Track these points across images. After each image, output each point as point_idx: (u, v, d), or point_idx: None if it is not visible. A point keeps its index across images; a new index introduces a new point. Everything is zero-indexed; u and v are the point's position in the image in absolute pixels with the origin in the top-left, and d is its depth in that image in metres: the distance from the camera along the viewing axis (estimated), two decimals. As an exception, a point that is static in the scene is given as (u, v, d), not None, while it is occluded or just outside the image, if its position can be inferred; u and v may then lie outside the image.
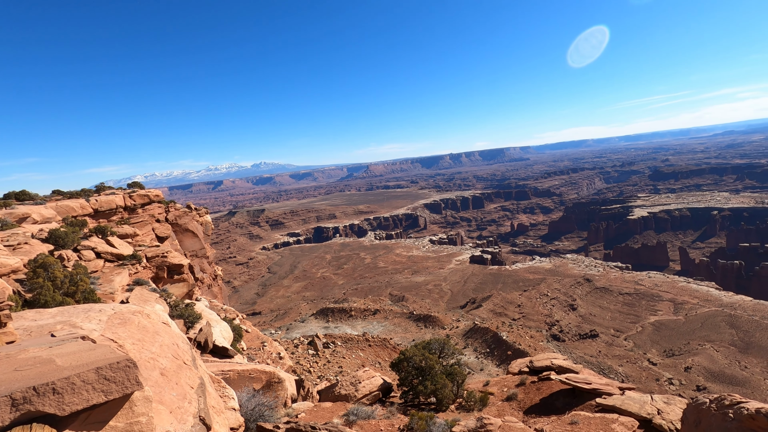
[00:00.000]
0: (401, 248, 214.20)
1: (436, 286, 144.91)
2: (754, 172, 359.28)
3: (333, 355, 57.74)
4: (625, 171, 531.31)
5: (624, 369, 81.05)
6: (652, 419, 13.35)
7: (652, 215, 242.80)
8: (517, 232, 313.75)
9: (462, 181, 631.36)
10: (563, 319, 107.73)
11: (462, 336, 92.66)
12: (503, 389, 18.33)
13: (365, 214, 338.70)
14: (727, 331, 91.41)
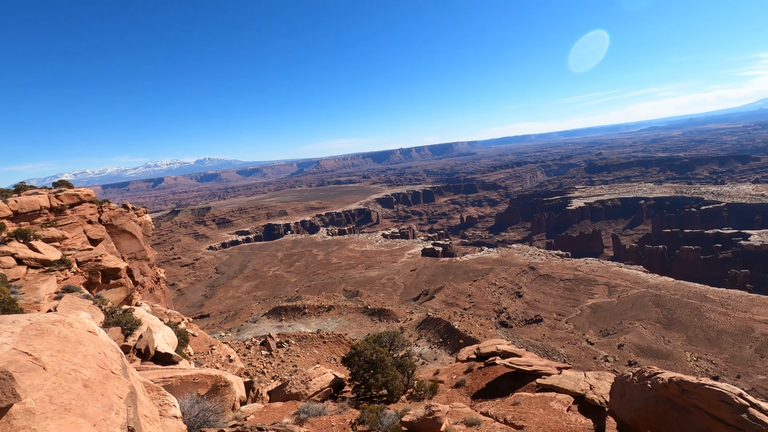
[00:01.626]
0: (354, 243, 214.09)
1: (390, 279, 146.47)
2: (674, 165, 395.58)
3: (287, 355, 56.80)
4: (564, 164, 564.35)
5: (566, 350, 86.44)
6: (585, 394, 14.42)
7: (588, 205, 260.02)
8: (467, 224, 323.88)
9: (413, 175, 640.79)
10: (510, 306, 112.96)
11: (416, 327, 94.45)
12: (452, 377, 18.99)
13: (317, 210, 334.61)
14: (654, 309, 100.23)
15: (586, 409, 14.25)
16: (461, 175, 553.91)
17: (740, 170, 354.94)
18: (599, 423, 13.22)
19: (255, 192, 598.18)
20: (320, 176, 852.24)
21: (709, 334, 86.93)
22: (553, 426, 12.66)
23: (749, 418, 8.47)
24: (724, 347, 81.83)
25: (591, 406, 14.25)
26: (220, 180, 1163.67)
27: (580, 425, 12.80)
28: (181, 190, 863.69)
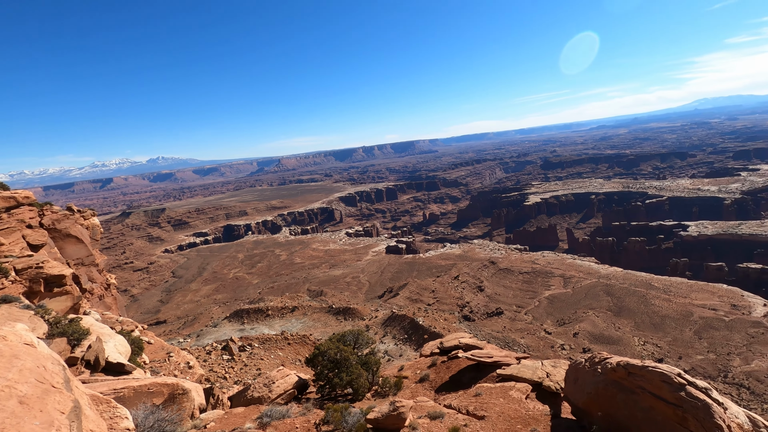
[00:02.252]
0: (318, 243, 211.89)
1: (354, 278, 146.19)
2: (621, 161, 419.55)
3: (250, 358, 55.44)
4: (521, 161, 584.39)
5: (525, 340, 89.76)
6: (542, 382, 15.04)
7: (544, 201, 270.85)
8: (429, 221, 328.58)
9: (375, 173, 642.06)
10: (473, 300, 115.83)
11: (381, 325, 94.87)
12: (417, 372, 19.25)
13: (279, 210, 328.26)
14: (605, 298, 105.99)
15: (544, 395, 14.87)
16: (423, 173, 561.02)
17: (679, 166, 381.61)
18: (555, 408, 13.84)
19: (213, 192, 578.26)
20: (281, 175, 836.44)
21: (654, 319, 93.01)
22: (513, 414, 13.12)
23: (686, 395, 9.16)
24: (668, 331, 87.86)
25: (548, 393, 14.88)
26: (176, 180, 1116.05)
27: (538, 411, 13.34)
28: (133, 191, 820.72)
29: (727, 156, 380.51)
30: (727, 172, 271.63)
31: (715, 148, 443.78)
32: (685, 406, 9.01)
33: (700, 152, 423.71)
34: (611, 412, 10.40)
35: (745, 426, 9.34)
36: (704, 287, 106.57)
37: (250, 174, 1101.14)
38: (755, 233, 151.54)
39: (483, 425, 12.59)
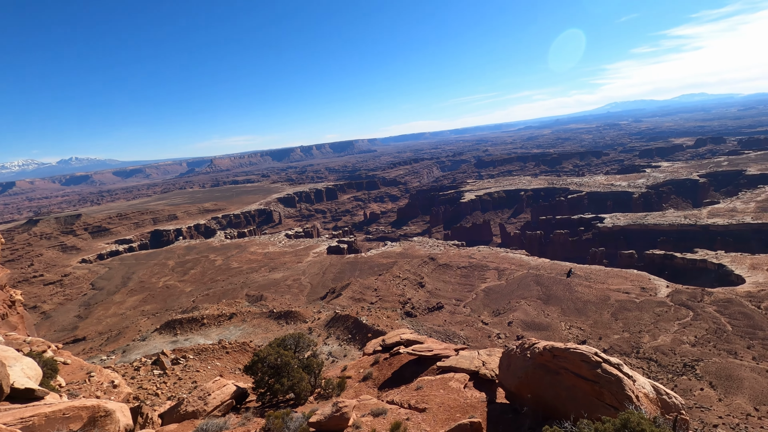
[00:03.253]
0: (256, 246, 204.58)
1: (296, 280, 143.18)
2: (546, 159, 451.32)
3: (185, 371, 52.16)
4: (456, 160, 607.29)
5: (465, 332, 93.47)
6: (478, 371, 15.80)
7: (479, 198, 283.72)
8: (370, 220, 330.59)
9: (314, 173, 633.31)
10: (414, 296, 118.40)
11: (324, 326, 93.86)
12: (360, 371, 19.34)
13: (213, 213, 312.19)
14: (535, 288, 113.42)
15: (481, 383, 15.62)
16: (363, 172, 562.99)
17: (595, 164, 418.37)
18: (491, 395, 14.61)
19: (138, 195, 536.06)
20: (215, 176, 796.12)
21: (577, 305, 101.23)
22: (452, 404, 13.65)
23: (602, 372, 10.12)
24: (589, 315, 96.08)
25: (484, 381, 15.67)
26: (93, 183, 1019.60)
27: (475, 399, 14.01)
28: (41, 196, 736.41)
29: (634, 154, 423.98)
30: (635, 169, 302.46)
31: (625, 147, 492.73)
32: (601, 381, 9.95)
33: (613, 151, 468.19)
34: (539, 393, 11.19)
35: (651, 395, 10.51)
36: (618, 273, 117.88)
37: (179, 175, 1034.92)
38: (658, 223, 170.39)
39: (424, 417, 12.96)
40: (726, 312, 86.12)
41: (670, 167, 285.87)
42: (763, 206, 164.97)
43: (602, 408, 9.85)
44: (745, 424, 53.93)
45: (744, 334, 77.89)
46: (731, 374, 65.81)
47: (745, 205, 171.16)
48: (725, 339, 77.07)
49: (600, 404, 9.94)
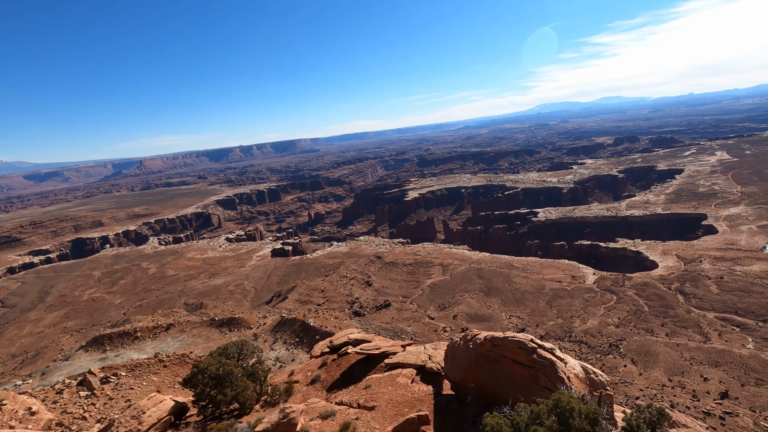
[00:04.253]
0: (194, 251, 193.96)
1: (238, 285, 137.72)
2: (484, 158, 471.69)
3: (116, 390, 48.18)
4: (399, 159, 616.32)
5: (412, 328, 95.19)
6: (425, 365, 16.19)
7: (422, 196, 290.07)
8: (315, 220, 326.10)
9: (256, 174, 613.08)
10: (362, 295, 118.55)
11: (270, 331, 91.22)
12: (307, 374, 19.04)
13: (144, 218, 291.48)
14: (477, 281, 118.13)
15: (428, 377, 16.02)
16: (306, 172, 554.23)
17: (529, 161, 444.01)
18: (438, 387, 15.03)
19: (55, 201, 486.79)
20: (145, 178, 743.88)
21: (516, 295, 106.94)
22: (400, 399, 13.88)
23: (538, 357, 10.80)
24: (527, 304, 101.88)
25: (431, 374, 16.09)
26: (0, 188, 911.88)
27: (422, 393, 14.35)
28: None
29: (563, 152, 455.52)
30: (563, 166, 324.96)
31: (554, 145, 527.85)
32: (537, 366, 10.61)
33: (544, 149, 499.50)
34: (482, 382, 11.71)
35: (580, 375, 11.38)
36: (552, 263, 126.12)
37: (104, 178, 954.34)
38: (585, 215, 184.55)
39: (373, 415, 13.05)
40: (643, 294, 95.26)
41: (593, 164, 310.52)
42: (671, 198, 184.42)
43: (539, 391, 10.51)
44: (662, 393, 60.04)
45: (658, 313, 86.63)
46: (649, 350, 72.95)
47: (656, 197, 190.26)
48: (643, 319, 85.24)
49: (537, 387, 10.60)
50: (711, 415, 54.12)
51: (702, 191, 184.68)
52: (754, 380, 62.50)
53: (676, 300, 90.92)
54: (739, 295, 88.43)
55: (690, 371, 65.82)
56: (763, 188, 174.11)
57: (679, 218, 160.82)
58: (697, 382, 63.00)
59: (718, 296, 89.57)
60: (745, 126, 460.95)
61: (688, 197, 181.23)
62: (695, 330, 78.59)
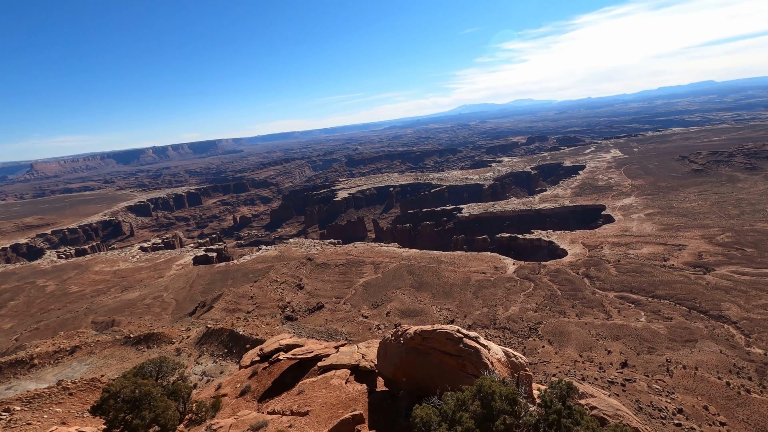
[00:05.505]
0: (102, 263, 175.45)
1: (156, 298, 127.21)
2: (411, 157, 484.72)
3: (9, 428, 42.07)
4: (327, 159, 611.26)
5: (347, 328, 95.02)
6: (359, 364, 16.28)
7: (352, 196, 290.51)
8: (241, 224, 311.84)
9: (172, 177, 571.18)
10: (294, 299, 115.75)
11: (195, 344, 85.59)
12: (237, 386, 18.16)
13: (38, 229, 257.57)
14: (408, 277, 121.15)
15: (362, 376, 16.11)
16: (229, 174, 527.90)
17: (452, 160, 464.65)
18: (372, 385, 15.19)
19: None
20: (38, 184, 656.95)
21: (445, 288, 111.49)
22: (334, 401, 13.81)
23: (464, 346, 11.38)
24: (456, 296, 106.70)
25: (365, 372, 16.20)
26: None
27: (357, 392, 14.40)
28: None
29: (482, 151, 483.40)
30: (484, 164, 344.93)
31: (475, 144, 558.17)
32: (463, 355, 11.18)
33: (465, 148, 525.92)
34: (413, 375, 12.06)
35: (502, 359, 12.19)
36: (476, 256, 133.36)
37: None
38: (504, 210, 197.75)
39: (308, 420, 12.83)
40: (556, 280, 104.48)
41: (510, 162, 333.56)
42: (576, 192, 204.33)
43: (466, 378, 11.07)
44: (574, 368, 66.39)
45: (569, 296, 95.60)
46: (562, 330, 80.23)
47: (564, 191, 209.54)
48: (557, 302, 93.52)
49: (464, 375, 11.16)
50: (614, 383, 60.94)
51: (601, 185, 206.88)
52: (646, 349, 71.52)
53: (584, 283, 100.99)
54: (633, 275, 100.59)
55: (596, 346, 73.51)
56: (648, 181, 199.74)
57: (583, 209, 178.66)
58: (603, 355, 70.56)
59: (616, 278, 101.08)
60: (632, 127, 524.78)
61: (589, 190, 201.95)
62: (599, 309, 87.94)
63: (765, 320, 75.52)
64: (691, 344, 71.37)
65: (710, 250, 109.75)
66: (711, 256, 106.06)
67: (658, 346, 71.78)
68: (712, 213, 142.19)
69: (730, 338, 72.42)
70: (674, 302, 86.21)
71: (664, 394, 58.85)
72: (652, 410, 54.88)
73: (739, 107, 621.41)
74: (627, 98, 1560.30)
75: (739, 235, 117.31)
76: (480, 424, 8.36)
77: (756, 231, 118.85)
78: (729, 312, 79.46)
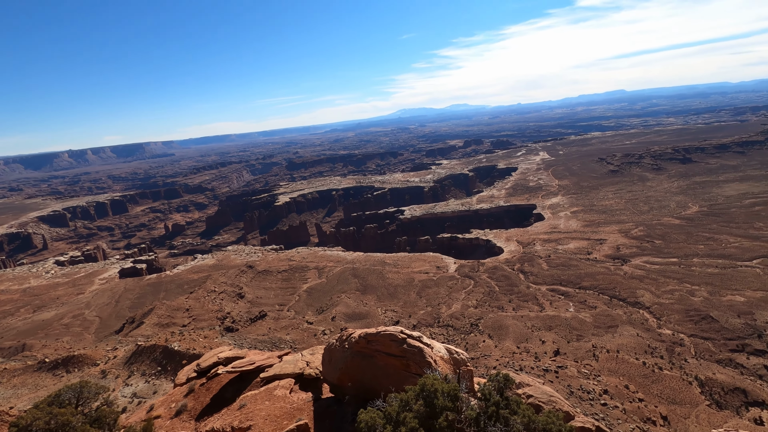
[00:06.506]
0: (8, 281, 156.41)
1: (77, 316, 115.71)
2: (353, 160, 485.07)
3: None
4: (267, 163, 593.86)
5: (291, 336, 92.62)
6: (303, 372, 15.91)
7: (293, 200, 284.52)
8: (174, 233, 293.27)
9: (93, 183, 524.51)
10: (234, 309, 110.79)
11: (124, 364, 79.07)
12: (171, 405, 16.98)
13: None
14: (353, 280, 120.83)
15: (307, 384, 15.76)
16: (160, 180, 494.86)
17: (393, 163, 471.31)
18: (317, 392, 14.91)
19: None
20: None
21: (390, 290, 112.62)
22: (278, 412, 13.38)
23: (408, 346, 11.55)
24: (400, 297, 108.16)
25: (310, 380, 15.86)
26: None
27: (302, 401, 14.07)
28: None
29: (422, 154, 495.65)
30: (424, 167, 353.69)
31: (415, 148, 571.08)
32: (407, 355, 11.34)
33: (406, 151, 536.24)
34: (359, 379, 12.03)
35: (445, 356, 12.54)
36: (419, 257, 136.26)
37: None
38: (444, 211, 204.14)
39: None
40: (494, 276, 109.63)
41: (448, 164, 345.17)
42: (510, 192, 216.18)
43: (410, 378, 11.24)
44: (512, 360, 70.00)
45: (506, 292, 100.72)
46: (501, 324, 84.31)
47: (499, 192, 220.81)
48: (495, 298, 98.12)
49: (408, 375, 11.33)
50: (548, 371, 65.07)
51: (531, 185, 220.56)
52: (575, 337, 77.22)
53: (519, 278, 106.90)
54: (562, 269, 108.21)
55: (532, 337, 78.09)
56: (573, 181, 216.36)
57: (517, 209, 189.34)
58: (538, 345, 75.09)
59: (547, 272, 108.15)
60: (557, 131, 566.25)
61: (522, 191, 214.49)
62: (534, 302, 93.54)
63: (672, 304, 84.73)
64: (613, 330, 78.18)
65: (626, 243, 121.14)
66: (627, 249, 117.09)
67: (585, 334, 77.80)
68: (627, 209, 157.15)
69: (644, 322, 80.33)
70: (598, 292, 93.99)
71: (592, 377, 63.85)
72: (582, 393, 59.31)
73: (646, 114, 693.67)
74: (552, 104, 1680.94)
75: (649, 228, 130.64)
76: (424, 422, 8.54)
77: (663, 225, 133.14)
78: (643, 298, 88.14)
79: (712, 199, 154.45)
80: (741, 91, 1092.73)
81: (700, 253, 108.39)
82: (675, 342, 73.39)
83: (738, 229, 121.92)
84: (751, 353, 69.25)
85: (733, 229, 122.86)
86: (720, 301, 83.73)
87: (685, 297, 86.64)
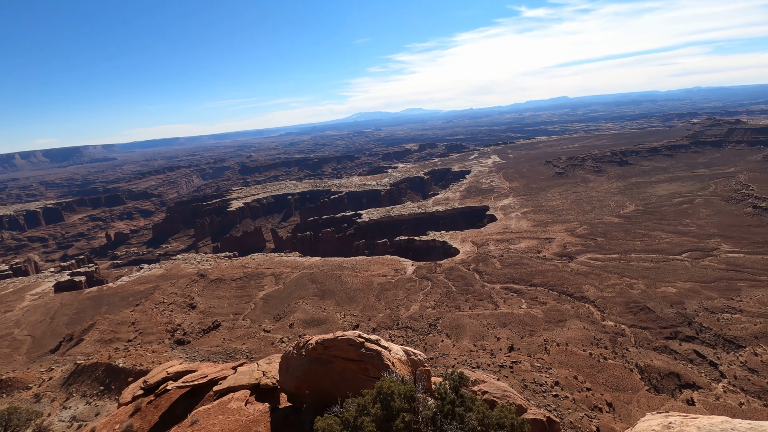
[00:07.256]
0: None
1: (5, 336, 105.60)
2: (308, 164, 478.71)
3: None
4: (218, 167, 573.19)
5: (247, 346, 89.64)
6: (259, 382, 15.47)
7: (247, 205, 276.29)
8: (116, 242, 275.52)
9: (21, 190, 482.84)
10: (185, 320, 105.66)
11: (61, 386, 73.20)
12: (115, 427, 15.91)
13: None
14: (311, 286, 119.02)
15: (263, 394, 15.33)
16: (100, 185, 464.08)
17: (350, 166, 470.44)
18: (274, 402, 14.55)
19: None
20: None
21: (349, 294, 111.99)
22: (233, 426, 12.93)
23: (365, 350, 11.56)
24: (359, 301, 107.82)
25: (266, 391, 15.45)
26: None
27: (258, 412, 13.68)
28: None
29: (379, 157, 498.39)
30: (380, 170, 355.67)
31: (371, 151, 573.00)
32: (365, 359, 11.35)
33: (362, 155, 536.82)
34: (317, 386, 11.88)
35: (403, 358, 12.67)
36: (377, 260, 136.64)
37: None
38: (401, 213, 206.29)
39: (203, 452, 11.80)
40: (451, 277, 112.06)
41: (404, 168, 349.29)
42: (464, 194, 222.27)
43: (368, 382, 11.25)
44: (470, 358, 71.81)
45: (463, 291, 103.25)
46: (458, 323, 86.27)
47: (453, 194, 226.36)
48: (452, 298, 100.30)
49: (366, 379, 11.34)
50: (504, 366, 67.36)
51: (484, 187, 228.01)
52: (528, 332, 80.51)
53: (474, 278, 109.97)
54: (514, 267, 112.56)
55: (488, 335, 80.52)
56: (522, 183, 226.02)
57: (471, 210, 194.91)
58: (493, 342, 77.53)
59: (501, 271, 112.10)
60: (507, 135, 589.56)
61: (475, 193, 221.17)
62: (488, 300, 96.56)
63: (614, 297, 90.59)
64: (562, 324, 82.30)
65: (572, 242, 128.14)
66: (573, 247, 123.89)
67: (537, 329, 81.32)
68: (572, 209, 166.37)
69: (590, 315, 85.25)
70: (547, 288, 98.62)
71: (544, 370, 66.81)
72: (535, 386, 61.90)
73: (587, 119, 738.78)
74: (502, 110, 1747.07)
75: (592, 227, 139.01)
76: (381, 425, 8.58)
77: (604, 223, 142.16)
78: (588, 293, 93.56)
79: (646, 199, 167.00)
80: (669, 99, 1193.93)
81: (637, 249, 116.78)
82: (617, 333, 78.44)
83: (669, 226, 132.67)
84: (683, 339, 75.45)
85: (665, 226, 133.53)
86: (655, 292, 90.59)
87: (625, 290, 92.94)
